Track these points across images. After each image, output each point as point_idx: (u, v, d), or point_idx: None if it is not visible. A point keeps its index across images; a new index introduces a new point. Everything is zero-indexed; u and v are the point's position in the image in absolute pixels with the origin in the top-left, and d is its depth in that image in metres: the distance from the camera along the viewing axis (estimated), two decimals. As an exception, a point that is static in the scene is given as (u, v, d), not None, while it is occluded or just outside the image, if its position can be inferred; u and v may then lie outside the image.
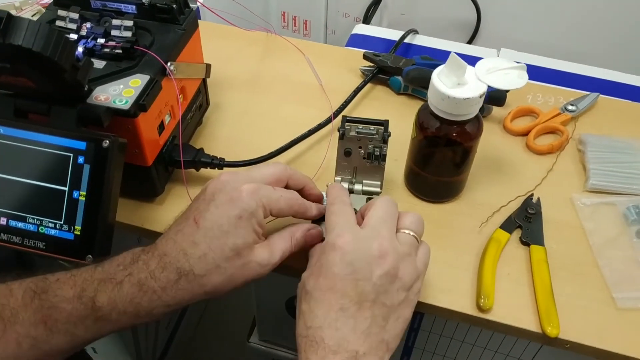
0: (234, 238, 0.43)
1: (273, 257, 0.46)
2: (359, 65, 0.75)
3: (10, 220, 0.49)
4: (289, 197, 0.47)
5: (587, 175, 0.62)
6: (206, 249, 0.43)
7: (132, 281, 0.42)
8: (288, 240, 0.47)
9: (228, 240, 0.43)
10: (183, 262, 0.43)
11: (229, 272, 0.43)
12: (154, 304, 0.42)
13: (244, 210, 0.43)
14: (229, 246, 0.43)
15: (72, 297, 0.42)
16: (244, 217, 0.43)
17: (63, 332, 0.42)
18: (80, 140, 0.47)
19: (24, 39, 0.39)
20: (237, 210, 0.43)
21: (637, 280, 0.54)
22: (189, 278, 0.42)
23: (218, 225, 0.43)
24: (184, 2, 0.58)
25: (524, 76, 0.52)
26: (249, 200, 0.44)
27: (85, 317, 0.42)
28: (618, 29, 1.12)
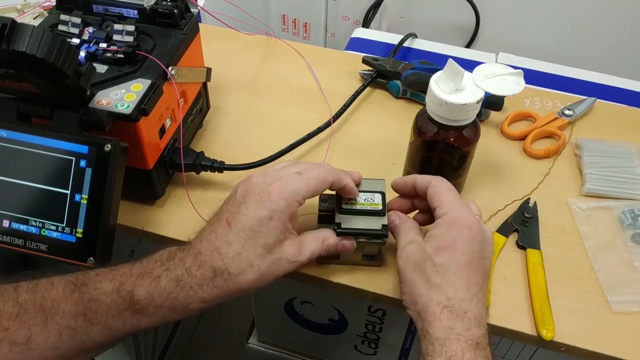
0: (265, 237, 0.45)
1: (302, 255, 0.47)
2: (358, 69, 0.76)
3: (12, 222, 0.49)
4: (316, 175, 0.47)
5: (584, 179, 0.63)
6: (239, 249, 0.45)
7: (170, 276, 0.44)
8: (320, 243, 0.49)
9: (260, 240, 0.45)
10: (218, 261, 0.44)
11: (262, 269, 0.45)
12: (190, 299, 0.44)
13: (274, 211, 0.45)
14: (261, 244, 0.45)
15: (111, 290, 0.43)
16: (274, 218, 0.45)
17: (102, 324, 0.43)
18: (83, 144, 0.48)
19: (27, 45, 0.40)
20: (267, 212, 0.45)
21: (631, 284, 0.54)
22: (224, 276, 0.44)
23: (249, 226, 0.45)
24: (185, 7, 0.59)
25: (520, 82, 0.53)
26: (278, 199, 0.45)
27: (123, 309, 0.43)
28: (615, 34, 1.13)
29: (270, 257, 0.45)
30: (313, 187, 0.47)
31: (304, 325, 0.73)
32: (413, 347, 0.69)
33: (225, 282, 0.44)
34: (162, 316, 0.44)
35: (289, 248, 0.47)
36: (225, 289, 0.44)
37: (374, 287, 0.54)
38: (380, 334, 0.69)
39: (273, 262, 0.46)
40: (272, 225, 0.45)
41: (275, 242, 0.45)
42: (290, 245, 0.47)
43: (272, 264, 0.46)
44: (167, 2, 0.57)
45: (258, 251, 0.45)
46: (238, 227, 0.45)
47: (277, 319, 0.73)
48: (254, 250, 0.45)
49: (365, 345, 0.73)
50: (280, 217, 0.45)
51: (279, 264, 0.46)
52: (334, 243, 0.50)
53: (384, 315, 0.65)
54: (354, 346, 0.74)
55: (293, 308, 0.70)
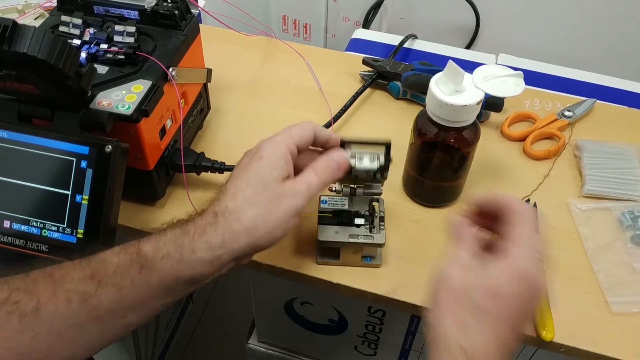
0: (260, 176, 0.46)
1: (300, 187, 0.47)
2: (359, 70, 0.76)
3: (13, 223, 0.49)
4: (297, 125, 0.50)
5: (583, 180, 0.63)
6: (236, 189, 0.46)
7: (175, 227, 0.45)
8: (312, 173, 0.48)
9: (255, 179, 0.46)
10: (217, 205, 0.45)
11: (262, 204, 0.45)
12: (196, 244, 0.43)
13: (264, 152, 0.47)
14: (256, 182, 0.46)
15: (119, 250, 0.44)
16: (264, 157, 0.47)
17: (110, 285, 0.42)
18: (83, 145, 0.48)
19: (29, 46, 0.40)
20: (257, 155, 0.47)
21: (631, 285, 0.54)
22: (225, 215, 0.44)
23: (245, 174, 0.46)
24: (185, 8, 0.59)
25: (520, 84, 0.53)
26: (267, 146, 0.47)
27: (130, 266, 0.43)
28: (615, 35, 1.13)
29: (268, 192, 0.45)
30: (297, 132, 0.49)
31: (304, 325, 0.73)
32: (413, 347, 0.69)
33: (226, 220, 0.44)
34: (170, 269, 0.43)
35: (288, 185, 0.47)
36: (228, 227, 0.44)
37: (374, 288, 0.54)
38: (380, 334, 0.69)
39: (273, 197, 0.45)
40: (264, 164, 0.46)
41: (270, 178, 0.46)
42: (289, 182, 0.47)
43: (272, 199, 0.45)
44: (168, 3, 0.58)
45: (254, 188, 0.45)
46: (234, 177, 0.47)
47: (277, 319, 0.74)
48: (250, 189, 0.45)
49: (365, 346, 0.73)
50: (271, 156, 0.46)
51: (281, 200, 0.46)
52: (323, 165, 0.49)
53: (384, 315, 0.65)
54: (354, 347, 0.74)
55: (293, 308, 0.71)
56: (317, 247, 0.56)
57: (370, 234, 0.53)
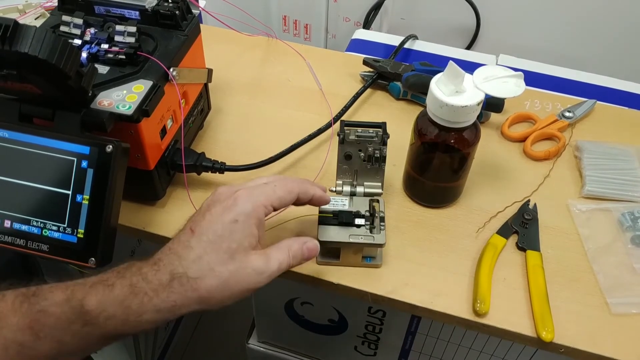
0: (228, 242, 0.43)
1: (269, 266, 0.44)
2: (359, 71, 0.76)
3: (14, 222, 0.49)
4: (284, 183, 0.46)
5: (583, 181, 0.63)
6: (201, 252, 0.42)
7: (124, 283, 0.41)
8: (285, 251, 0.46)
9: (223, 244, 0.42)
10: (177, 265, 0.42)
11: (223, 277, 0.42)
12: (144, 307, 0.41)
13: (239, 214, 0.43)
14: (223, 249, 0.42)
15: (62, 300, 0.41)
16: (239, 221, 0.43)
17: (49, 337, 0.40)
18: (84, 144, 0.48)
19: (30, 46, 0.40)
20: (232, 214, 0.43)
21: (631, 286, 0.54)
22: (182, 281, 0.41)
23: (213, 230, 0.43)
24: (186, 9, 0.59)
25: (521, 84, 0.53)
26: (244, 203, 0.44)
27: (72, 321, 0.41)
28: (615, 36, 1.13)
29: (234, 264, 0.42)
30: (280, 194, 0.46)
31: (304, 325, 0.73)
32: (413, 348, 0.69)
33: (182, 286, 0.41)
34: (114, 327, 0.41)
35: (255, 257, 0.44)
36: (182, 294, 0.41)
37: (374, 288, 0.54)
38: (380, 334, 0.69)
39: (237, 270, 0.43)
40: (237, 228, 0.43)
41: (239, 247, 0.43)
42: (256, 255, 0.44)
43: (236, 272, 0.43)
44: (169, 3, 0.58)
45: (220, 256, 0.42)
46: (201, 232, 0.43)
47: (277, 319, 0.74)
48: (216, 255, 0.42)
49: (365, 346, 0.73)
50: (246, 220, 0.43)
51: (244, 273, 0.43)
52: (298, 247, 0.47)
53: (384, 316, 0.65)
54: (353, 347, 0.74)
55: (293, 309, 0.71)
56: None
57: (371, 234, 0.53)
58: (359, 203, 0.55)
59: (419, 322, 0.64)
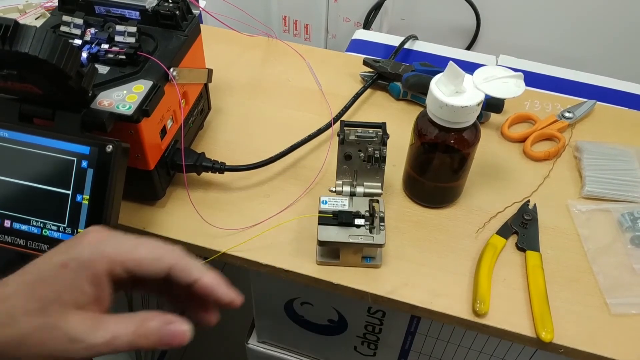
0: (46, 289, 0.34)
1: (93, 336, 0.34)
2: (359, 71, 0.76)
3: (14, 222, 0.50)
4: (155, 245, 0.36)
5: (583, 182, 0.63)
6: (10, 292, 0.34)
7: None
8: (132, 324, 0.35)
9: (38, 289, 0.34)
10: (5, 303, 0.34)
11: (22, 331, 0.33)
12: None
13: (72, 259, 0.35)
14: (37, 296, 0.34)
15: None
16: (69, 267, 0.35)
17: None
18: (84, 144, 0.48)
19: (30, 46, 0.40)
20: (64, 257, 0.35)
21: (630, 286, 0.55)
22: None
23: (37, 270, 0.35)
24: (186, 9, 0.59)
25: (521, 85, 0.53)
26: (84, 248, 0.35)
27: None
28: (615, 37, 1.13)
29: (42, 319, 0.33)
30: (142, 254, 0.36)
31: (303, 326, 0.73)
32: (413, 348, 0.69)
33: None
34: None
35: (75, 320, 0.34)
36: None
37: (373, 289, 0.54)
38: (380, 335, 0.69)
39: (43, 329, 0.33)
40: (62, 276, 0.34)
41: (56, 300, 0.34)
42: (79, 317, 0.34)
43: (41, 330, 0.33)
44: (169, 3, 0.58)
45: (30, 304, 0.34)
46: (25, 271, 0.35)
47: (277, 319, 0.74)
48: (24, 301, 0.34)
49: (365, 346, 0.73)
50: (77, 269, 0.34)
51: (51, 335, 0.33)
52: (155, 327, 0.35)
53: (384, 316, 0.65)
54: (353, 347, 0.74)
55: (293, 309, 0.71)
56: (317, 247, 0.56)
57: (370, 235, 0.53)
58: (359, 203, 0.55)
59: (419, 323, 0.64)
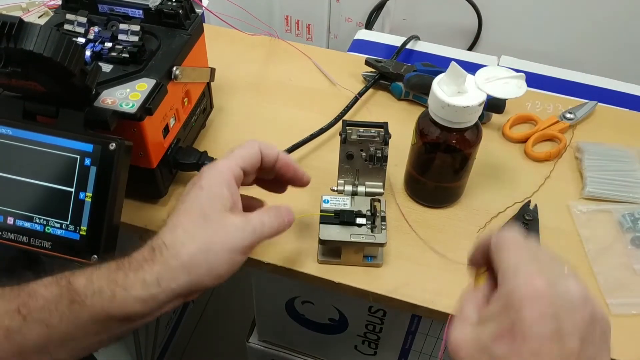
0: (199, 206, 0.43)
1: (250, 222, 0.44)
2: (361, 71, 0.76)
3: (17, 219, 0.50)
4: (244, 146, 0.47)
5: (584, 182, 0.63)
6: (175, 222, 0.43)
7: (110, 263, 0.42)
8: (265, 213, 0.46)
9: (195, 209, 0.43)
10: (155, 239, 0.42)
11: (202, 239, 0.42)
12: (129, 280, 0.40)
13: (204, 180, 0.44)
14: (197, 213, 0.43)
15: (50, 281, 0.41)
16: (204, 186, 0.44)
17: (38, 321, 0.39)
18: (87, 142, 0.48)
19: (35, 44, 0.40)
20: (199, 183, 0.44)
21: (631, 287, 0.55)
22: (162, 250, 0.41)
23: (187, 200, 0.44)
24: (189, 8, 0.59)
25: (522, 85, 0.53)
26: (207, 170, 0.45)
27: (59, 300, 0.40)
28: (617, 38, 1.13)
29: (210, 225, 0.42)
30: (242, 152, 0.46)
31: (304, 324, 0.74)
32: (413, 347, 0.69)
33: (162, 256, 0.41)
34: (102, 306, 0.39)
35: (232, 217, 0.43)
36: (164, 264, 0.41)
37: (374, 288, 0.54)
38: (381, 334, 0.70)
39: (216, 231, 0.42)
40: (204, 194, 0.43)
41: (212, 209, 0.43)
42: (233, 215, 0.44)
43: (215, 232, 0.42)
44: (172, 2, 0.58)
45: (194, 220, 0.42)
46: (176, 210, 0.44)
47: (278, 318, 0.74)
48: (189, 221, 0.42)
49: (366, 346, 0.73)
50: (212, 185, 0.44)
51: (223, 231, 0.43)
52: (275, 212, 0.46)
53: (385, 315, 0.65)
54: (354, 346, 0.74)
55: (294, 307, 0.71)
56: (318, 246, 0.56)
57: (372, 234, 0.53)
58: (361, 202, 0.55)
59: (420, 322, 0.65)
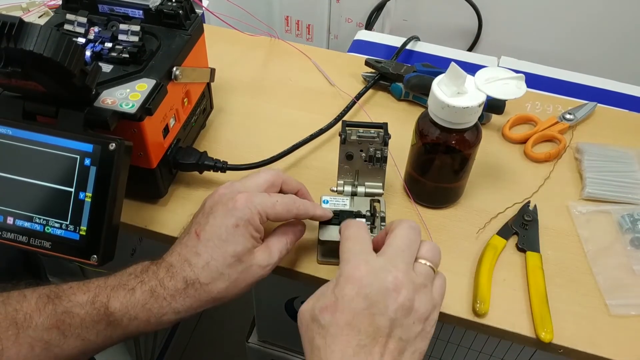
0: (233, 246, 0.46)
1: (272, 258, 0.48)
2: (361, 71, 0.76)
3: (17, 219, 0.50)
4: (286, 202, 0.49)
5: (584, 183, 0.63)
6: (208, 258, 0.45)
7: (144, 288, 0.44)
8: (283, 240, 0.50)
9: (228, 248, 0.46)
10: (188, 272, 0.45)
11: (233, 278, 0.46)
12: (163, 310, 0.44)
13: (240, 219, 0.46)
14: (230, 253, 0.45)
15: (86, 302, 0.44)
16: (240, 225, 0.46)
17: (75, 336, 0.43)
18: (87, 142, 0.48)
19: (35, 44, 0.40)
20: (234, 219, 0.46)
21: (630, 287, 0.55)
22: (195, 286, 0.45)
23: (217, 235, 0.46)
24: (190, 8, 0.59)
25: (522, 86, 0.53)
26: (244, 208, 0.46)
27: (97, 321, 0.44)
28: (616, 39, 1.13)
29: (241, 265, 0.46)
30: (279, 210, 0.48)
31: (304, 325, 0.74)
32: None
33: (196, 291, 0.45)
34: (137, 327, 0.44)
35: (258, 255, 0.47)
36: (197, 298, 0.45)
37: (374, 288, 0.54)
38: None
39: (244, 270, 0.46)
40: (239, 232, 0.46)
41: (244, 250, 0.46)
42: (259, 251, 0.48)
43: (244, 272, 0.46)
44: (172, 2, 0.58)
45: (228, 260, 0.45)
46: (206, 238, 0.46)
47: (278, 318, 0.74)
48: (223, 260, 0.45)
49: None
50: (246, 225, 0.46)
51: (251, 271, 0.47)
52: (292, 233, 0.51)
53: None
54: (353, 347, 0.74)
55: (293, 308, 0.71)
56: (318, 246, 0.56)
57: (372, 234, 0.53)
58: (360, 203, 0.55)
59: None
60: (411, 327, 0.41)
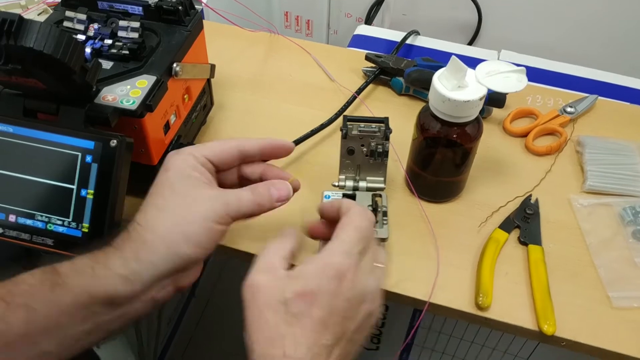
0: (167, 184, 0.44)
1: (225, 195, 0.44)
2: (361, 66, 0.76)
3: (19, 217, 0.50)
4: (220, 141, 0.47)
5: (585, 176, 0.63)
6: (148, 202, 0.45)
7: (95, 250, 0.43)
8: (247, 190, 0.45)
9: (163, 187, 0.44)
10: (131, 223, 0.44)
11: (172, 210, 0.43)
12: (110, 259, 0.41)
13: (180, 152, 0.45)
14: (167, 189, 0.44)
15: (37, 270, 0.41)
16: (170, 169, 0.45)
17: (20, 305, 0.40)
18: (88, 139, 0.48)
19: (35, 41, 0.40)
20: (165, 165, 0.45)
21: (631, 279, 0.55)
22: (137, 229, 0.43)
23: (159, 182, 0.45)
24: (189, 4, 0.59)
25: (523, 79, 0.53)
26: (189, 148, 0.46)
27: (42, 284, 0.40)
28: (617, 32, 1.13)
29: (183, 198, 0.43)
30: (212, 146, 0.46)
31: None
32: (415, 342, 0.70)
33: (138, 233, 0.42)
34: (83, 286, 0.40)
35: (206, 188, 0.44)
36: (142, 240, 0.42)
37: (376, 282, 0.54)
38: (383, 329, 0.70)
39: (188, 203, 0.43)
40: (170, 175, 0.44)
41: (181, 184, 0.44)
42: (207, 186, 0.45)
43: (188, 204, 0.43)
44: (172, -1, 0.58)
45: (167, 197, 0.44)
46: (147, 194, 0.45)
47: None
48: (161, 198, 0.44)
49: (368, 340, 0.73)
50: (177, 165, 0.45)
51: (197, 202, 0.43)
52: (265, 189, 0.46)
53: (387, 310, 0.65)
54: (356, 341, 0.75)
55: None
56: (319, 241, 0.56)
57: (374, 229, 0.53)
58: (362, 198, 0.55)
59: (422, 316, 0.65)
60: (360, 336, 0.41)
